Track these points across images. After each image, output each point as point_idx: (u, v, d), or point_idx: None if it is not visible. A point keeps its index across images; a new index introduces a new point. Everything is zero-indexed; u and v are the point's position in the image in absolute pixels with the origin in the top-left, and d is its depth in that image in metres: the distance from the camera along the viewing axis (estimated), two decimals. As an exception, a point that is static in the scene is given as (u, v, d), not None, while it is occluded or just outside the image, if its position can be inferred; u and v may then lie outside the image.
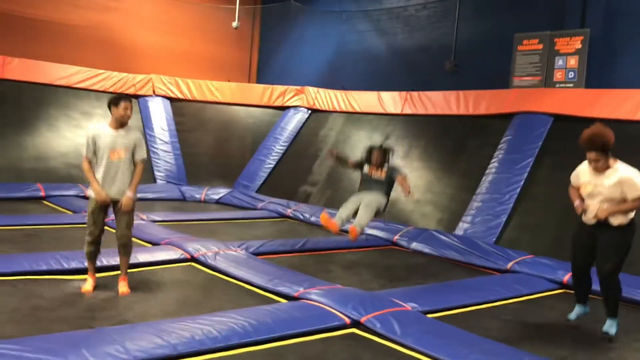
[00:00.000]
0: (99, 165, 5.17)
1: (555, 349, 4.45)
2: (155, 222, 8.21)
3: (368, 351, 4.15)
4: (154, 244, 6.88)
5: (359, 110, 11.67)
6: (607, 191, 4.29)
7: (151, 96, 12.54)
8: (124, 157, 5.18)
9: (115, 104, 5.19)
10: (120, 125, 5.21)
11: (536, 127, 8.72)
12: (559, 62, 9.19)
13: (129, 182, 5.23)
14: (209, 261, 6.13)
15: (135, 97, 12.17)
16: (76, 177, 10.56)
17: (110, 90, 11.80)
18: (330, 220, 6.26)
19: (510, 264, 6.81)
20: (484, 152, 9.09)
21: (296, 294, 5.13)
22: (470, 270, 6.96)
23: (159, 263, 6.11)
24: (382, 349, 4.21)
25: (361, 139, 11.17)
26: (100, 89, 11.81)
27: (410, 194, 6.83)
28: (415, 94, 10.74)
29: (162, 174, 11.68)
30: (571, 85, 9.02)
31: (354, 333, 4.48)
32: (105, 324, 4.27)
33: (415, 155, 10.06)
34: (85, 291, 5.19)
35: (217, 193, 11.32)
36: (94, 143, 5.16)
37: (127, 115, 5.21)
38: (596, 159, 4.28)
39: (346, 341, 4.32)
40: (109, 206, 5.27)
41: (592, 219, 4.40)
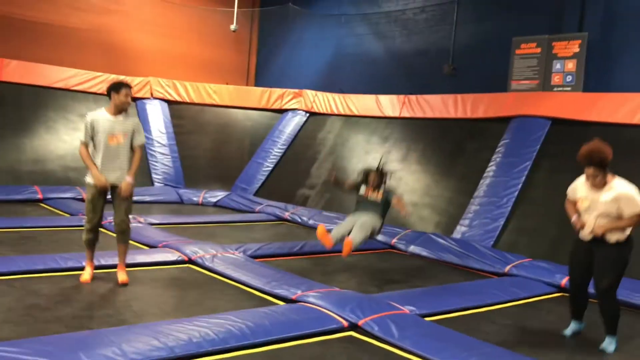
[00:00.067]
0: (97, 151, 5.17)
1: (553, 353, 4.45)
2: (152, 224, 8.19)
3: (366, 354, 4.14)
4: (151, 246, 6.87)
5: (357, 114, 11.68)
6: (603, 207, 4.27)
7: (149, 99, 12.54)
8: (122, 143, 5.18)
9: (116, 90, 5.18)
10: (119, 112, 5.21)
11: (534, 131, 8.73)
12: (557, 65, 9.20)
13: (127, 168, 5.23)
14: (207, 264, 6.12)
15: (133, 99, 12.16)
16: (74, 180, 10.56)
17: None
18: (327, 235, 6.24)
19: (508, 267, 6.81)
20: (482, 155, 9.10)
21: (294, 296, 5.12)
22: (468, 273, 6.96)
23: (156, 264, 6.10)
24: (379, 352, 4.20)
25: (359, 142, 11.18)
26: (99, 92, 11.79)
27: (407, 213, 6.99)
28: (413, 97, 10.74)
29: (159, 177, 11.67)
30: (569, 89, 9.03)
31: (351, 336, 4.48)
32: (102, 324, 4.26)
33: (414, 159, 10.07)
34: (84, 281, 5.19)
35: (215, 196, 11.32)
36: (92, 128, 5.15)
37: (128, 102, 5.21)
38: (594, 174, 4.26)
39: (344, 344, 4.31)
40: (107, 192, 5.26)
41: (588, 234, 4.38)
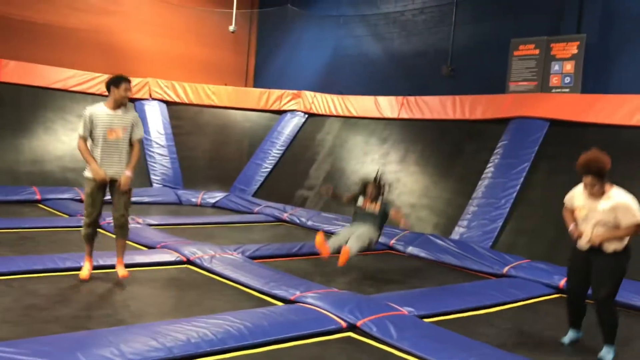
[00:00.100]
0: (96, 145, 5.17)
1: (552, 355, 4.45)
2: (151, 225, 8.18)
3: (364, 355, 4.15)
4: (150, 247, 6.87)
5: (355, 115, 11.69)
6: (601, 216, 4.27)
7: (148, 100, 12.54)
8: (122, 137, 5.18)
9: (116, 84, 5.18)
10: (118, 106, 5.21)
11: (532, 132, 8.74)
12: (555, 67, 9.22)
13: (126, 162, 5.23)
14: (205, 264, 6.12)
15: (132, 100, 12.12)
16: (72, 181, 10.56)
17: (106, 93, 11.75)
18: (325, 244, 6.19)
19: (506, 268, 6.81)
20: (480, 156, 9.11)
21: (292, 297, 5.12)
22: (466, 274, 6.96)
23: (155, 265, 6.10)
24: (378, 353, 4.20)
25: (358, 143, 11.18)
26: (97, 92, 11.78)
27: (406, 224, 6.92)
28: (412, 98, 10.75)
29: (158, 178, 11.66)
30: (567, 90, 9.04)
31: (350, 337, 4.48)
32: (100, 324, 4.25)
33: (412, 160, 10.08)
34: (83, 277, 5.17)
35: (214, 197, 11.32)
36: (91, 122, 5.15)
37: (127, 96, 5.22)
38: (592, 183, 4.26)
39: (342, 345, 4.31)
40: (106, 186, 5.26)
41: (586, 243, 4.37)
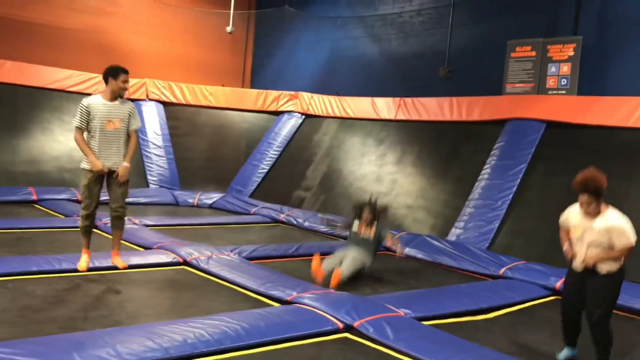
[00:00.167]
0: (93, 137, 5.17)
1: (549, 357, 4.46)
2: (147, 226, 8.17)
3: (361, 355, 4.15)
4: (146, 248, 6.85)
5: (352, 116, 11.70)
6: (595, 236, 4.26)
7: (145, 100, 12.52)
8: (119, 128, 5.18)
9: (114, 75, 5.17)
10: (115, 97, 5.21)
11: (529, 134, 8.76)
12: (552, 69, 9.24)
13: (124, 153, 5.23)
14: (202, 265, 6.11)
15: (129, 100, 12.12)
16: (68, 181, 10.54)
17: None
18: (320, 269, 6.04)
19: (503, 269, 6.82)
20: (477, 158, 9.12)
21: (289, 298, 5.13)
22: (462, 276, 6.97)
23: (151, 266, 6.09)
24: (374, 354, 4.20)
25: (355, 144, 11.19)
26: (94, 93, 11.75)
27: (402, 252, 6.62)
28: (409, 100, 10.77)
29: (155, 179, 11.65)
30: (564, 92, 9.06)
31: (346, 337, 4.48)
32: (96, 325, 4.25)
33: (409, 161, 10.08)
34: (81, 269, 5.17)
35: (210, 198, 11.31)
36: (88, 114, 5.15)
37: (125, 87, 5.22)
38: (588, 202, 4.24)
39: (339, 345, 4.31)
40: (104, 177, 5.25)
41: (580, 264, 4.36)
